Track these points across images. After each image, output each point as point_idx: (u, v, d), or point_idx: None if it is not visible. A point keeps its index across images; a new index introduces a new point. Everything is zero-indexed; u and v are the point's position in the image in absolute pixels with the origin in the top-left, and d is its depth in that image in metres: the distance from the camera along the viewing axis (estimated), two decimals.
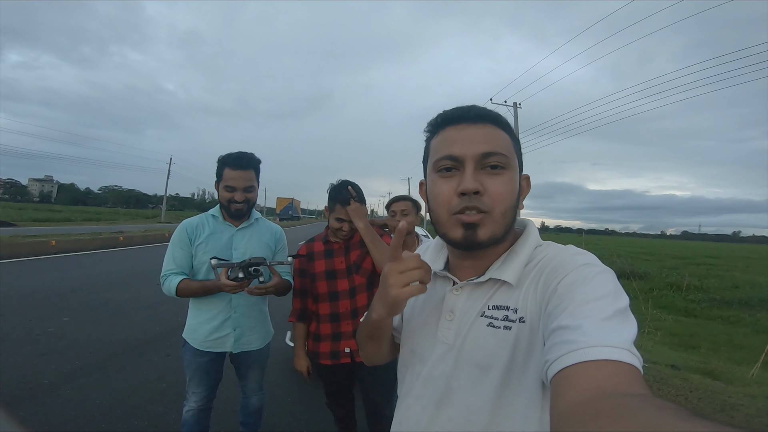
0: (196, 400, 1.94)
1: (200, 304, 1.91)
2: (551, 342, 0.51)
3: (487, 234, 0.65)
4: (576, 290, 0.55)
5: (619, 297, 0.53)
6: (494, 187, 0.65)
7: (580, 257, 0.62)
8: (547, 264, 0.64)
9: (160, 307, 5.31)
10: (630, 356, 0.45)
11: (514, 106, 15.76)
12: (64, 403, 2.65)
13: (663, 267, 20.37)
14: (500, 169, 0.66)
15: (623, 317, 0.51)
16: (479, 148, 0.65)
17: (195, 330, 1.90)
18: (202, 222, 1.91)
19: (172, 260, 1.85)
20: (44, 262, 8.82)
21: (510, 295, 0.65)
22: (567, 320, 0.51)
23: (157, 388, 2.98)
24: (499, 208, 0.65)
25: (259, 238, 1.98)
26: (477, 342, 0.66)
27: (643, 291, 13.99)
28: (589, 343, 0.46)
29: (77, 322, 4.50)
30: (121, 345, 3.87)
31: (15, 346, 3.64)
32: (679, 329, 9.11)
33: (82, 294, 5.91)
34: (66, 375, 3.08)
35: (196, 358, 1.90)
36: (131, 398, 2.79)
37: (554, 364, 0.48)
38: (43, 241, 10.63)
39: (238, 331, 1.91)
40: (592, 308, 0.51)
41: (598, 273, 0.58)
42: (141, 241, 14.99)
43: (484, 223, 0.65)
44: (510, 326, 0.63)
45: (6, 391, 2.75)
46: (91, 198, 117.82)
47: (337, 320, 1.93)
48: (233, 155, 1.88)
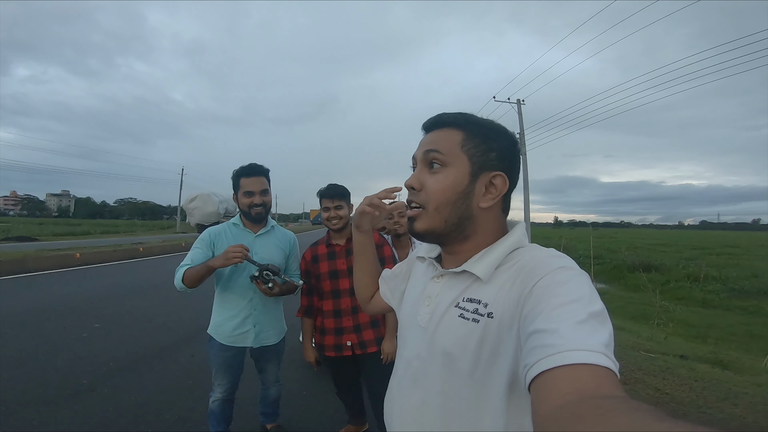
0: (221, 391, 2.14)
1: (224, 302, 2.11)
2: (528, 346, 0.52)
3: (421, 226, 0.73)
4: (551, 294, 0.56)
5: (593, 300, 0.55)
6: (429, 183, 0.72)
7: (556, 260, 0.63)
8: (524, 265, 0.65)
9: (182, 313, 5.58)
10: (605, 359, 0.46)
11: (518, 103, 15.73)
12: (104, 400, 2.88)
13: (680, 258, 20.07)
14: (437, 167, 0.72)
15: (598, 320, 0.52)
16: (423, 148, 0.74)
17: (220, 326, 2.10)
18: (224, 229, 2.12)
19: (190, 258, 2.00)
20: (71, 274, 9.20)
21: (483, 290, 0.68)
22: (543, 323, 0.52)
23: (185, 385, 3.20)
24: (432, 204, 0.71)
25: (275, 244, 2.18)
26: (447, 330, 0.70)
27: (659, 283, 13.83)
28: (566, 347, 0.47)
29: (108, 328, 4.77)
30: (150, 348, 4.12)
31: (54, 350, 3.90)
32: (696, 320, 9.04)
33: (109, 302, 6.21)
34: (102, 376, 3.32)
35: (221, 352, 2.10)
36: (162, 395, 3.01)
37: (532, 368, 0.48)
38: (68, 254, 11.08)
39: (257, 327, 2.11)
40: (566, 311, 0.52)
41: (572, 276, 0.59)
42: (160, 251, 15.44)
43: (420, 216, 0.73)
44: (478, 319, 0.65)
45: (51, 391, 2.99)
46: (107, 211, 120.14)
47: (339, 316, 2.11)
48: (245, 166, 2.09)
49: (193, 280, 1.89)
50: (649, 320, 6.96)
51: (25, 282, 7.86)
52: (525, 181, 15.65)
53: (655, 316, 6.38)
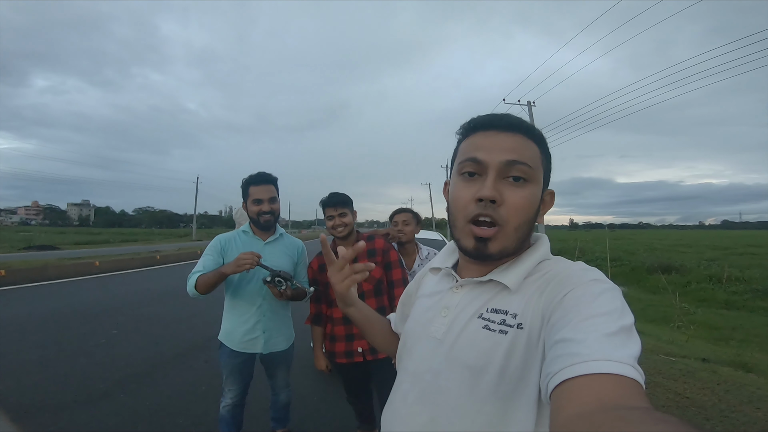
0: (232, 397, 2.16)
1: (234, 309, 2.13)
2: (553, 354, 0.50)
3: (497, 248, 0.66)
4: (582, 304, 0.54)
5: (624, 314, 0.53)
6: (513, 199, 0.64)
7: (588, 273, 0.61)
8: (554, 276, 0.63)
9: (196, 319, 5.64)
10: (633, 371, 0.45)
11: (528, 105, 15.57)
12: (120, 405, 2.93)
13: (701, 259, 19.57)
14: (522, 181, 0.65)
15: (628, 334, 0.50)
16: (504, 156, 0.65)
17: (230, 333, 2.12)
18: (234, 237, 2.15)
19: (201, 264, 2.05)
20: (90, 282, 9.40)
21: (510, 300, 0.64)
22: (570, 333, 0.50)
23: (199, 390, 3.24)
24: (513, 222, 0.65)
25: (283, 251, 2.20)
26: (470, 342, 0.65)
27: (680, 285, 13.52)
28: (592, 356, 0.45)
29: (125, 335, 4.86)
30: (165, 354, 4.18)
31: (72, 356, 3.99)
32: (720, 322, 8.80)
33: (127, 309, 6.32)
34: (119, 381, 3.38)
35: (231, 359, 2.12)
36: (176, 400, 3.05)
37: (555, 376, 0.47)
38: (88, 262, 11.35)
39: (267, 333, 2.13)
40: (597, 323, 0.50)
41: (605, 290, 0.57)
42: (176, 259, 15.72)
43: (496, 237, 0.65)
44: (507, 330, 0.62)
45: (69, 396, 3.05)
46: (126, 220, 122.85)
47: (349, 322, 2.09)
48: (254, 175, 2.12)
49: (206, 287, 1.93)
50: (669, 323, 6.80)
51: (47, 290, 8.06)
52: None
53: (676, 318, 6.23)
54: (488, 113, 0.71)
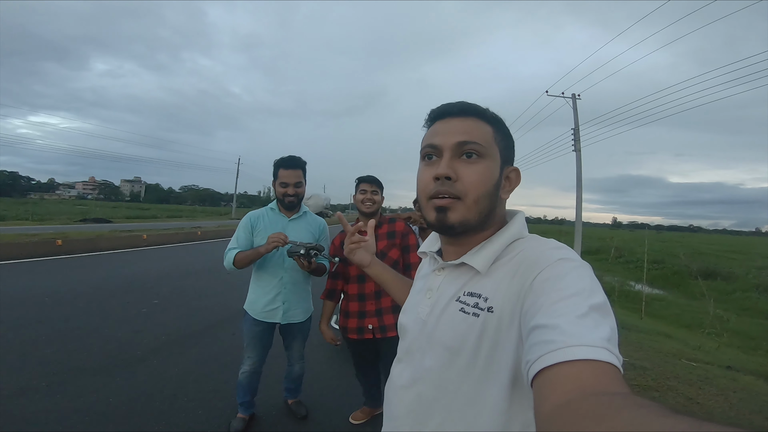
0: (250, 364, 2.38)
1: (258, 280, 2.35)
2: (530, 342, 0.51)
3: (457, 218, 0.69)
4: (550, 287, 0.55)
5: (594, 293, 0.53)
6: (467, 173, 0.68)
7: (556, 252, 0.61)
8: (524, 258, 0.64)
9: (229, 294, 6.00)
10: (608, 354, 0.45)
11: (573, 98, 14.97)
12: (152, 371, 3.23)
13: (752, 267, 18.44)
14: (475, 157, 0.69)
15: (600, 314, 0.51)
16: (456, 138, 0.69)
17: (254, 302, 2.34)
18: (262, 214, 2.36)
19: (235, 240, 2.29)
20: (137, 254, 10.11)
21: (484, 283, 0.67)
22: (543, 319, 0.51)
23: (223, 360, 3.51)
24: (471, 195, 0.68)
25: (306, 228, 2.39)
26: (448, 324, 0.68)
27: (724, 292, 12.86)
28: (567, 342, 0.46)
29: (164, 305, 5.26)
30: (198, 325, 4.52)
31: (115, 323, 4.38)
32: (758, 332, 8.38)
33: (168, 281, 6.81)
34: (153, 348, 3.71)
35: (253, 327, 2.34)
36: (202, 368, 3.33)
37: (534, 364, 0.48)
38: (136, 235, 12.15)
39: (286, 304, 2.33)
40: (567, 305, 0.51)
41: (572, 268, 0.57)
42: (215, 235, 16.52)
43: (455, 207, 0.68)
44: (478, 314, 0.64)
45: (107, 361, 3.38)
46: (173, 197, 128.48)
47: (363, 300, 2.25)
48: (285, 158, 2.31)
49: (243, 263, 2.19)
50: (699, 328, 6.56)
51: (98, 260, 8.75)
52: (578, 178, 14.93)
53: (707, 324, 6.01)
54: (444, 103, 0.76)
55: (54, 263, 7.92)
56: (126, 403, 2.69)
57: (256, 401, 2.56)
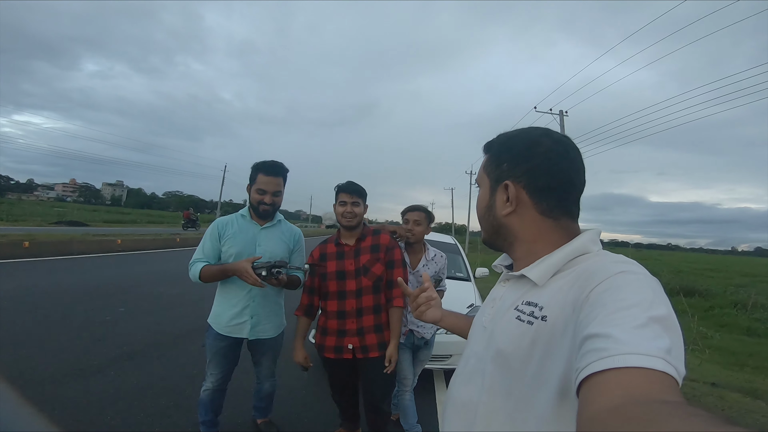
0: (213, 381, 2.16)
1: (224, 292, 2.14)
2: (581, 351, 0.49)
3: (483, 237, 0.86)
4: (608, 298, 0.53)
5: (655, 304, 0.51)
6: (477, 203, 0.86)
7: (618, 265, 0.59)
8: (584, 271, 0.63)
9: (202, 303, 5.72)
10: (663, 364, 0.43)
11: (560, 114, 15.19)
12: (106, 383, 2.98)
13: (729, 284, 18.79)
14: (477, 188, 0.85)
15: (661, 326, 0.48)
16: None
17: (219, 315, 2.13)
18: (231, 221, 2.16)
19: (201, 250, 2.11)
20: (110, 259, 9.72)
21: (541, 294, 0.67)
22: (597, 328, 0.49)
23: (189, 373, 3.28)
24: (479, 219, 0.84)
25: (280, 238, 2.19)
26: (504, 330, 0.70)
27: (702, 309, 13.02)
28: (619, 350, 0.44)
29: (130, 313, 4.97)
30: (165, 335, 4.26)
31: (74, 331, 4.10)
32: (739, 348, 8.44)
33: (138, 288, 6.49)
34: (112, 359, 3.45)
35: (216, 342, 2.13)
36: (164, 381, 3.09)
37: (582, 371, 0.46)
38: (111, 240, 11.72)
39: (254, 319, 2.12)
40: (624, 316, 0.49)
41: (633, 280, 0.55)
42: (195, 242, 15.95)
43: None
44: (533, 321, 0.65)
45: (58, 371, 3.11)
46: (156, 202, 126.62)
47: (342, 317, 2.05)
48: (267, 163, 2.11)
49: (209, 278, 2.04)
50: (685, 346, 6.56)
51: (67, 263, 8.38)
52: None
53: (691, 341, 5.98)
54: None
55: (18, 265, 7.54)
56: (72, 416, 2.46)
57: (222, 419, 2.33)
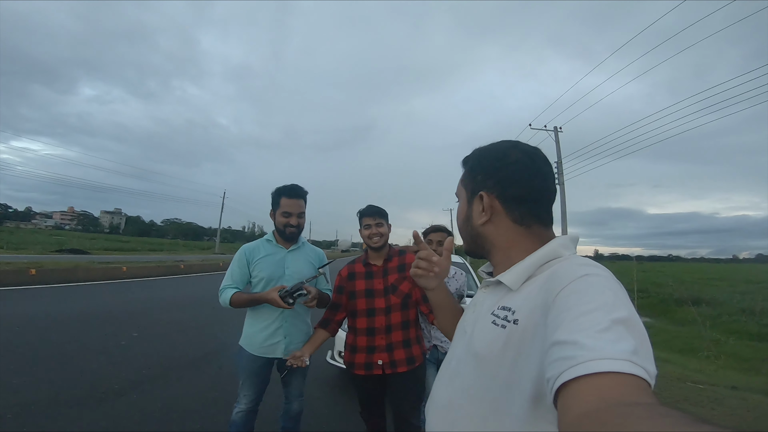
0: (246, 402, 2.16)
1: (257, 314, 2.16)
2: (550, 359, 0.50)
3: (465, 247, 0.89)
4: (572, 302, 0.54)
5: (617, 306, 0.51)
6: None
7: (582, 268, 0.60)
8: (552, 274, 0.65)
9: (214, 327, 5.73)
10: (631, 366, 0.44)
11: (555, 131, 15.39)
12: (131, 405, 2.97)
13: (734, 292, 18.72)
14: (457, 202, 0.89)
15: (624, 327, 0.49)
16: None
17: (252, 337, 2.15)
18: (258, 246, 2.21)
19: (230, 276, 2.14)
20: (116, 286, 9.68)
21: (514, 298, 0.69)
22: (564, 335, 0.50)
23: (210, 396, 3.26)
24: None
25: (306, 259, 2.25)
26: (480, 334, 0.72)
27: (711, 317, 12.95)
28: (587, 357, 0.45)
29: (144, 338, 4.96)
30: (181, 358, 4.24)
31: (91, 355, 4.09)
32: (751, 354, 8.39)
33: (148, 314, 6.48)
34: (133, 382, 3.44)
35: (250, 363, 2.14)
36: (187, 404, 3.08)
37: (556, 381, 0.47)
38: (116, 267, 11.72)
39: (288, 338, 2.15)
40: (588, 320, 0.49)
41: (594, 283, 0.56)
42: (199, 269, 16.08)
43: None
44: (505, 325, 0.66)
45: (81, 394, 3.12)
46: (154, 230, 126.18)
47: (372, 334, 2.08)
48: (288, 186, 2.19)
49: (240, 305, 2.07)
50: (696, 353, 6.52)
51: (74, 290, 8.35)
52: (563, 212, 15.10)
53: (705, 348, 5.96)
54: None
55: (27, 292, 7.53)
56: None
57: None
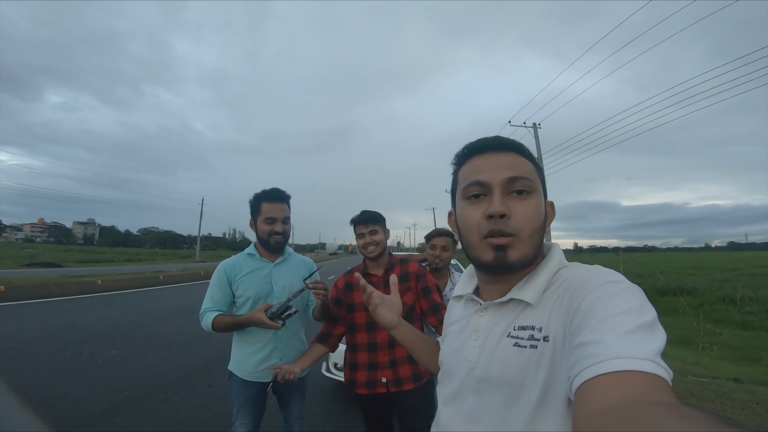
0: (244, 430, 1.96)
1: (247, 336, 1.94)
2: (574, 358, 0.50)
3: (517, 255, 0.67)
4: (599, 306, 0.54)
5: (644, 311, 0.52)
6: (521, 210, 0.67)
7: (605, 275, 0.61)
8: (572, 283, 0.63)
9: (200, 341, 5.45)
10: (655, 366, 0.44)
11: (534, 127, 15.56)
12: (117, 430, 2.73)
13: (712, 280, 19.26)
14: (526, 193, 0.68)
15: (649, 330, 0.49)
16: (505, 174, 0.68)
17: (242, 362, 1.94)
18: (239, 262, 1.98)
19: (210, 299, 1.92)
20: (92, 300, 9.22)
21: (534, 315, 0.65)
22: (589, 336, 0.50)
23: (202, 417, 3.03)
24: (526, 230, 0.67)
25: (295, 271, 2.04)
26: (504, 361, 0.66)
27: (693, 306, 13.24)
28: (611, 355, 0.45)
29: (125, 356, 4.66)
30: (167, 376, 3.98)
31: (69, 377, 3.80)
32: (739, 343, 8.54)
33: (127, 329, 6.13)
34: (117, 404, 3.19)
35: (243, 389, 1.93)
36: (177, 427, 2.85)
37: (576, 378, 0.47)
38: (90, 280, 11.19)
39: (284, 360, 1.94)
40: (614, 323, 0.50)
41: (622, 289, 0.56)
42: (179, 279, 15.58)
43: (514, 244, 0.67)
44: (536, 345, 0.62)
45: (63, 419, 2.86)
46: (131, 239, 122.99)
47: (374, 350, 1.90)
48: (269, 191, 1.97)
49: (224, 329, 1.86)
50: (688, 344, 6.59)
51: (47, 307, 7.91)
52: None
53: (699, 339, 5.99)
54: (480, 137, 0.75)
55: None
56: None
57: None
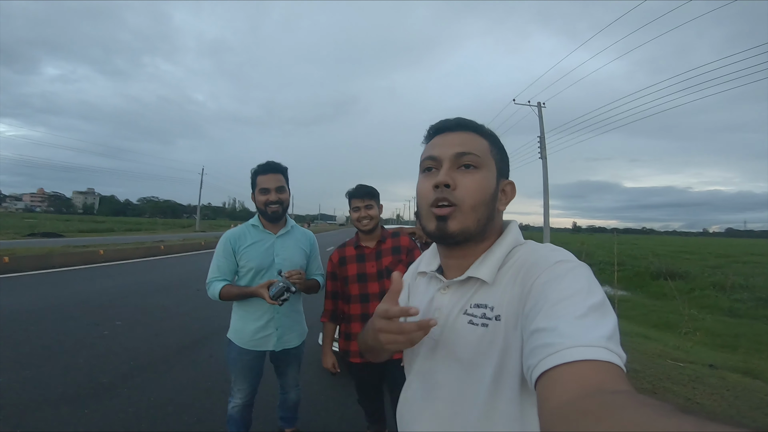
0: (241, 397, 2.12)
1: (246, 306, 2.08)
2: (530, 346, 0.52)
3: (457, 226, 0.70)
4: (549, 289, 0.56)
5: (592, 292, 0.54)
6: (465, 182, 0.71)
7: (553, 254, 0.64)
8: (524, 262, 0.66)
9: (201, 312, 5.63)
10: (608, 353, 0.46)
11: (538, 106, 15.46)
12: (123, 401, 2.90)
13: (705, 266, 19.47)
14: (472, 168, 0.72)
15: (599, 313, 0.51)
16: (454, 149, 0.73)
17: (240, 330, 2.08)
18: (243, 232, 2.10)
19: (216, 269, 2.05)
20: (94, 271, 9.39)
21: (489, 293, 0.68)
22: (543, 322, 0.52)
23: (203, 386, 3.21)
24: (468, 202, 0.70)
25: (296, 245, 2.16)
26: (458, 338, 0.69)
27: (684, 291, 13.45)
28: (566, 344, 0.47)
29: (129, 326, 4.84)
30: (169, 347, 4.15)
31: (75, 348, 3.96)
32: (723, 329, 8.75)
33: (130, 300, 6.31)
34: (123, 375, 3.36)
35: (241, 356, 2.08)
36: (181, 396, 3.02)
37: (535, 369, 0.49)
38: (93, 251, 11.33)
39: (280, 330, 2.08)
40: (565, 307, 0.52)
41: (570, 269, 0.59)
42: (180, 249, 15.72)
43: (454, 215, 0.70)
44: (487, 323, 0.65)
45: (71, 390, 3.02)
46: (130, 209, 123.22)
47: (367, 321, 2.05)
48: (263, 164, 2.08)
49: (230, 298, 2.02)
50: (673, 329, 6.78)
51: (50, 278, 8.07)
52: (545, 185, 15.40)
53: (683, 324, 6.18)
54: (443, 119, 0.80)
55: (1, 282, 7.22)
56: None
57: None
